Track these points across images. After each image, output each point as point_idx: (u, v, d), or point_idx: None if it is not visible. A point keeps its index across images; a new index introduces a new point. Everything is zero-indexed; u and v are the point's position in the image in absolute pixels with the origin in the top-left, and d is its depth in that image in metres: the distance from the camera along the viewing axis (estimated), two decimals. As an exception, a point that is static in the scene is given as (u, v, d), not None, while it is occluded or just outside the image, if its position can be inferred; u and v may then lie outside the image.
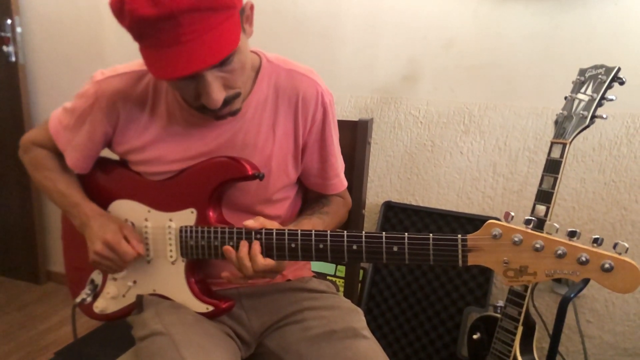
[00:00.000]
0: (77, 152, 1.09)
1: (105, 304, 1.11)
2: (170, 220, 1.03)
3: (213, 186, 1.00)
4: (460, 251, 0.79)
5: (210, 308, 1.01)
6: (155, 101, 1.04)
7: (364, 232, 0.87)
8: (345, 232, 0.88)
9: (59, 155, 1.14)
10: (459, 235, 0.79)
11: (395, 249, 0.83)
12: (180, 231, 1.02)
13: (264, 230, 0.92)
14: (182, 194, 1.03)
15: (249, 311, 1.09)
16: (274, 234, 0.91)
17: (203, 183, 1.01)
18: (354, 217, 1.30)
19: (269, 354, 1.07)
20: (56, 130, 1.12)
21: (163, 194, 1.05)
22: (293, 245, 0.90)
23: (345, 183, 1.17)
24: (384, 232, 0.85)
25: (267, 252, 0.92)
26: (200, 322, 1.00)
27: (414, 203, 1.80)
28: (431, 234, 0.82)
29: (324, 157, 1.11)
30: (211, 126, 1.04)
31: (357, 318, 1.06)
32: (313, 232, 0.89)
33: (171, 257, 1.04)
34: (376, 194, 1.84)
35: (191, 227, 1.00)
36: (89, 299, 1.11)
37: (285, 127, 1.05)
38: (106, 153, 1.13)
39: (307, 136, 1.07)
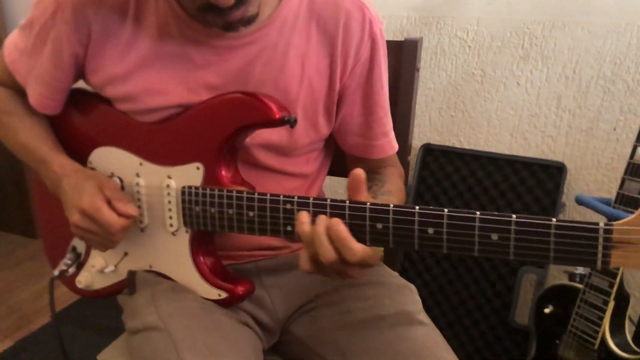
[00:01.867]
0: (40, 85, 0.82)
1: (89, 279, 0.88)
2: (169, 177, 0.77)
3: (227, 133, 0.73)
4: (600, 248, 0.52)
5: (224, 294, 0.77)
6: (139, 8, 0.76)
7: (445, 210, 0.59)
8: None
9: (22, 94, 0.86)
10: (601, 224, 0.52)
11: (495, 237, 0.56)
12: (183, 193, 0.76)
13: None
14: (184, 142, 0.77)
15: (272, 290, 0.87)
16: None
17: (213, 128, 0.74)
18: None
19: (296, 344, 0.85)
20: (12, 59, 0.84)
21: (159, 142, 0.79)
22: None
23: (396, 145, 0.91)
24: (477, 213, 0.57)
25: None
26: (208, 311, 0.76)
27: (457, 145, 1.56)
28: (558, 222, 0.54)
29: (368, 108, 0.84)
30: (218, 48, 0.76)
31: (411, 298, 0.83)
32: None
33: (171, 226, 0.79)
34: (413, 135, 1.56)
35: (197, 188, 0.74)
36: (70, 270, 0.88)
37: (319, 62, 0.79)
38: (82, 86, 0.86)
39: (348, 78, 0.81)
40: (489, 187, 1.46)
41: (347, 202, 0.63)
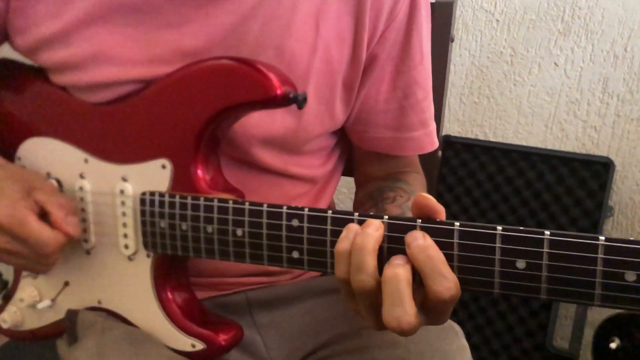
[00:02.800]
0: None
1: (18, 316, 0.67)
2: (124, 179, 0.56)
3: (206, 117, 0.51)
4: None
5: (199, 345, 0.55)
6: None
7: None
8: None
9: None
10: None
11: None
12: (143, 202, 0.54)
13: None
14: (145, 130, 0.55)
15: (267, 333, 0.66)
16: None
17: (185, 111, 0.53)
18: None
19: None
20: None
21: (111, 130, 0.58)
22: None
23: (436, 140, 0.70)
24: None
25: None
26: None
27: (482, 137, 1.37)
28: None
29: (403, 88, 0.65)
30: (199, 0, 0.54)
31: (457, 346, 0.63)
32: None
33: (127, 247, 0.57)
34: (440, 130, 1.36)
35: (162, 195, 0.52)
36: (-8, 305, 0.66)
37: (339, 22, 0.60)
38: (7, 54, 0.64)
39: (377, 45, 0.62)
40: (521, 187, 1.27)
41: (386, 217, 0.42)
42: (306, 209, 0.45)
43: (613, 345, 0.88)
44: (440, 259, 0.40)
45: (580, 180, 1.21)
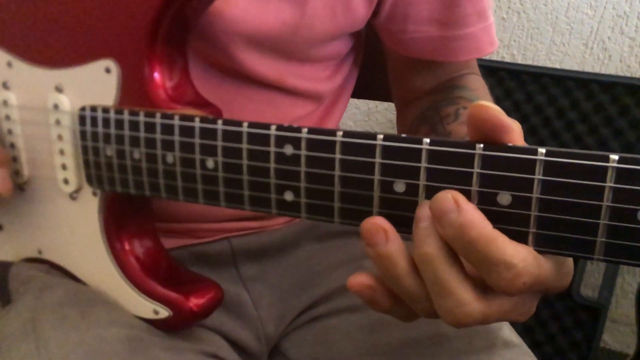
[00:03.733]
0: None
1: None
2: (59, 89, 0.42)
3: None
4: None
5: (163, 312, 0.42)
6: None
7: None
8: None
9: None
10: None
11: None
12: (82, 120, 0.40)
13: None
14: (81, 21, 0.40)
15: (255, 288, 0.53)
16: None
17: None
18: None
19: None
20: None
21: (39, 25, 0.42)
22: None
23: (496, 40, 0.54)
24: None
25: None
26: (140, 346, 0.42)
27: (509, 60, 1.20)
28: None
29: None
30: None
31: None
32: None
33: (66, 182, 0.43)
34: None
35: (106, 110, 0.38)
36: None
37: None
38: None
39: None
40: (553, 117, 1.11)
41: (427, 141, 0.28)
42: (304, 130, 0.30)
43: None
44: (490, 238, 0.25)
45: (622, 108, 1.05)
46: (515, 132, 0.26)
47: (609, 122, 1.06)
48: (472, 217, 0.25)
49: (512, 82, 1.13)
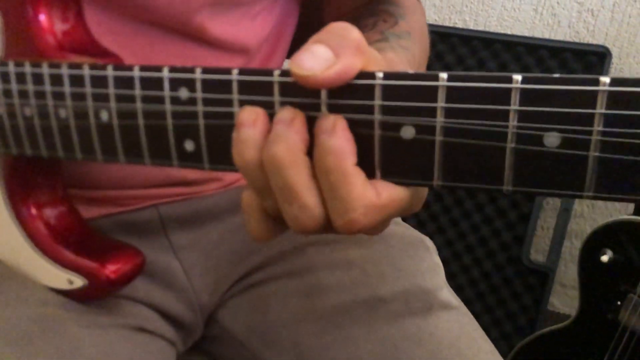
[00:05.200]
0: None
1: None
2: None
3: None
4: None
5: (78, 281, 0.40)
6: None
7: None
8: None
9: None
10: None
11: None
12: None
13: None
14: None
15: (187, 257, 0.50)
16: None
17: None
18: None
19: (230, 342, 0.51)
20: None
21: None
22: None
23: None
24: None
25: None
26: (54, 323, 0.40)
27: (461, 26, 1.19)
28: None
29: None
30: None
31: (429, 263, 0.51)
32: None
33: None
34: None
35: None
36: None
37: None
38: None
39: None
40: (504, 83, 1.09)
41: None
42: (198, 70, 0.27)
43: (605, 258, 0.77)
44: (345, 173, 0.25)
45: (571, 73, 1.05)
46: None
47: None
48: (339, 145, 0.24)
49: (464, 48, 1.13)
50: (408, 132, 0.24)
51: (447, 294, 0.48)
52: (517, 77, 0.22)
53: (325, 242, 0.50)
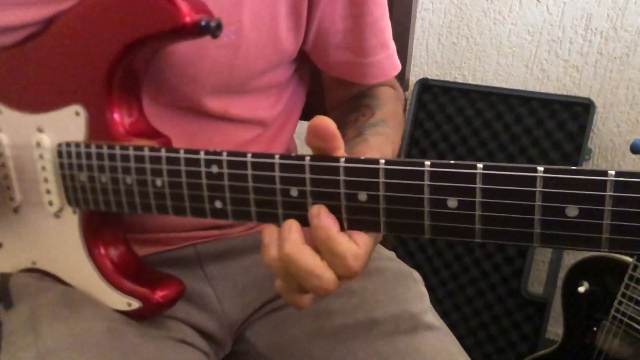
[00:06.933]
0: None
1: None
2: (40, 130, 0.51)
3: (112, 55, 0.46)
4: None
5: (135, 304, 0.51)
6: None
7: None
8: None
9: None
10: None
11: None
12: (60, 154, 0.50)
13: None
14: (53, 74, 0.50)
15: (219, 285, 0.62)
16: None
17: (91, 49, 0.47)
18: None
19: (255, 357, 0.61)
20: None
21: (21, 77, 0.52)
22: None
23: (398, 63, 0.64)
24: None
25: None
26: (119, 334, 0.51)
27: (461, 80, 1.30)
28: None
29: (356, 6, 0.57)
30: None
31: (415, 292, 0.61)
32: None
33: (51, 204, 0.52)
34: (407, 68, 1.29)
35: (78, 145, 0.48)
36: None
37: None
38: None
39: None
40: (500, 131, 1.21)
41: (308, 158, 0.38)
42: (224, 153, 0.40)
43: (581, 289, 0.86)
44: (332, 237, 0.37)
45: (559, 123, 1.16)
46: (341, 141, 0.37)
47: (549, 135, 1.17)
48: (324, 222, 0.37)
49: (462, 100, 1.24)
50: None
51: (431, 317, 0.58)
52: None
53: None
